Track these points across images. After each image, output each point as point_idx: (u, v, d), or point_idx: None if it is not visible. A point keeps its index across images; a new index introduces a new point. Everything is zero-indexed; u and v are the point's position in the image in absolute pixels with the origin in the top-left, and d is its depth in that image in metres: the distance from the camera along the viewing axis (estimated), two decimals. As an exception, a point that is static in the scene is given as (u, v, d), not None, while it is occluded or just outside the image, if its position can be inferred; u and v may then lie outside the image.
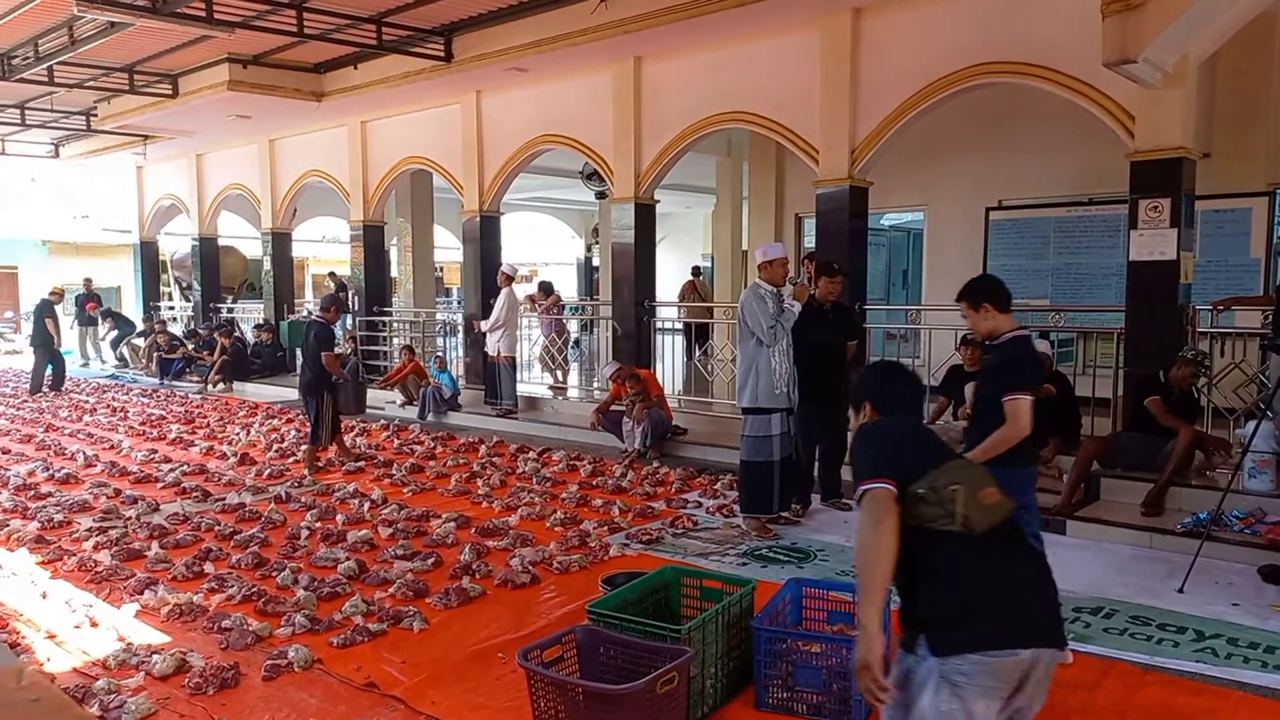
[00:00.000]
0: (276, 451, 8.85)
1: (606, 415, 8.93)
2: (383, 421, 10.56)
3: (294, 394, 12.92)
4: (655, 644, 3.23)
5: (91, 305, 17.81)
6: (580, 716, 2.97)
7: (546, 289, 13.70)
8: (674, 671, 2.98)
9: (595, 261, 24.41)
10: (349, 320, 17.21)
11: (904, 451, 2.27)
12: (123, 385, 14.96)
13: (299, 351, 13.05)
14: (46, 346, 13.88)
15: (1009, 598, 2.14)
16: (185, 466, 8.09)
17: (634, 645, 3.25)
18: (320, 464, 8.13)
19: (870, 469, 2.23)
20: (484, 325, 10.52)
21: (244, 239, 20.22)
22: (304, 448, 8.27)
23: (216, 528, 6.10)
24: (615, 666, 3.24)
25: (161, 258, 19.65)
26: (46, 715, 3.42)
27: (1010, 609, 2.13)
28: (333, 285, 18.07)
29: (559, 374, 12.49)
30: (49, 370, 13.90)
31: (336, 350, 8.56)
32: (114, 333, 17.66)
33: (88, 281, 18.71)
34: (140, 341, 16.81)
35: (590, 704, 2.96)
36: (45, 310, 14.04)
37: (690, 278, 17.31)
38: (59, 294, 14.91)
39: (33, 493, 7.20)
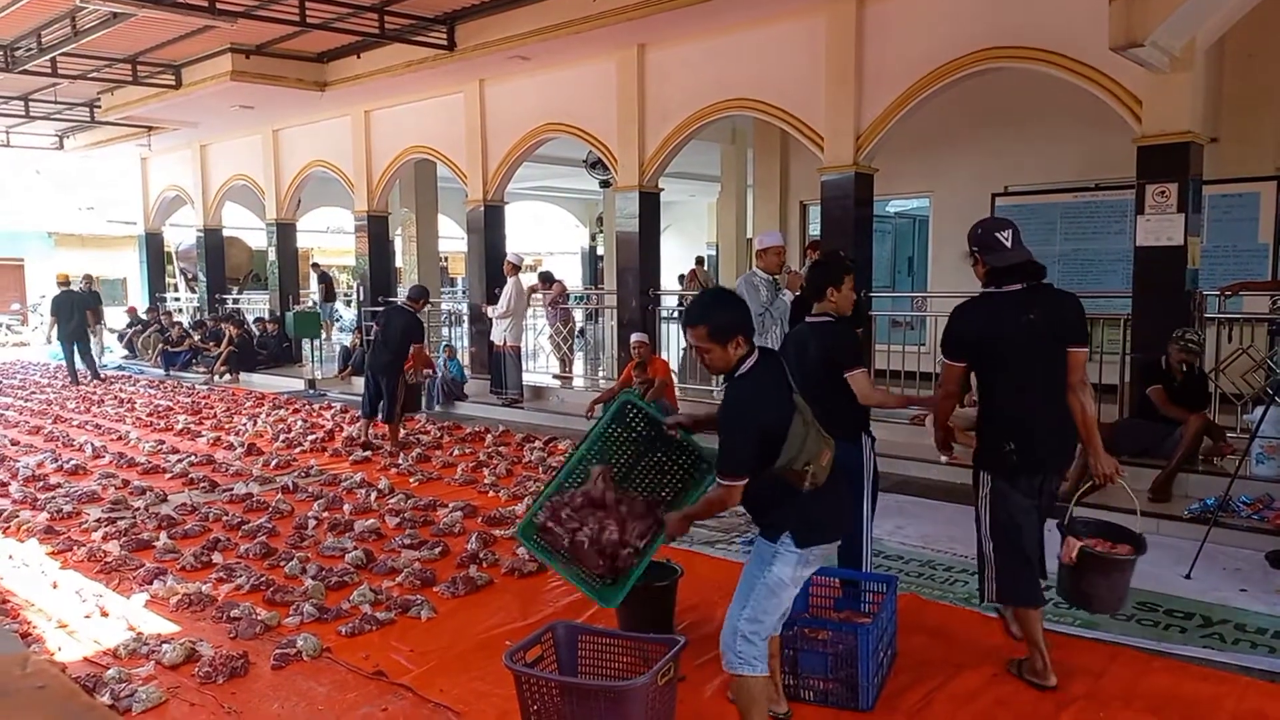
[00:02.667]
0: (283, 442, 8.88)
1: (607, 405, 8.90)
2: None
3: (299, 384, 13.00)
4: (636, 635, 3.25)
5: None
6: (581, 714, 2.92)
7: (547, 279, 13.70)
8: (671, 664, 2.98)
9: (600, 250, 24.39)
10: (335, 310, 17.31)
11: (771, 436, 2.90)
12: (129, 376, 15.02)
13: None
14: (83, 339, 14.13)
15: (835, 513, 3.20)
16: (193, 457, 8.12)
17: (615, 636, 3.26)
18: (401, 437, 8.64)
19: (735, 468, 2.91)
20: (492, 312, 10.52)
21: (249, 230, 20.23)
22: (361, 428, 8.76)
23: (224, 518, 6.13)
24: (596, 657, 3.25)
25: (166, 249, 19.67)
26: (53, 703, 3.43)
27: (835, 519, 3.20)
28: (315, 275, 18.15)
29: (565, 363, 12.47)
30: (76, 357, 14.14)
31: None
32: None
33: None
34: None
35: (591, 702, 2.92)
36: (86, 303, 14.26)
37: (693, 267, 17.34)
38: (90, 279, 15.20)
39: (42, 484, 7.23)
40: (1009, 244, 3.49)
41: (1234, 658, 3.85)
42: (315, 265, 19.23)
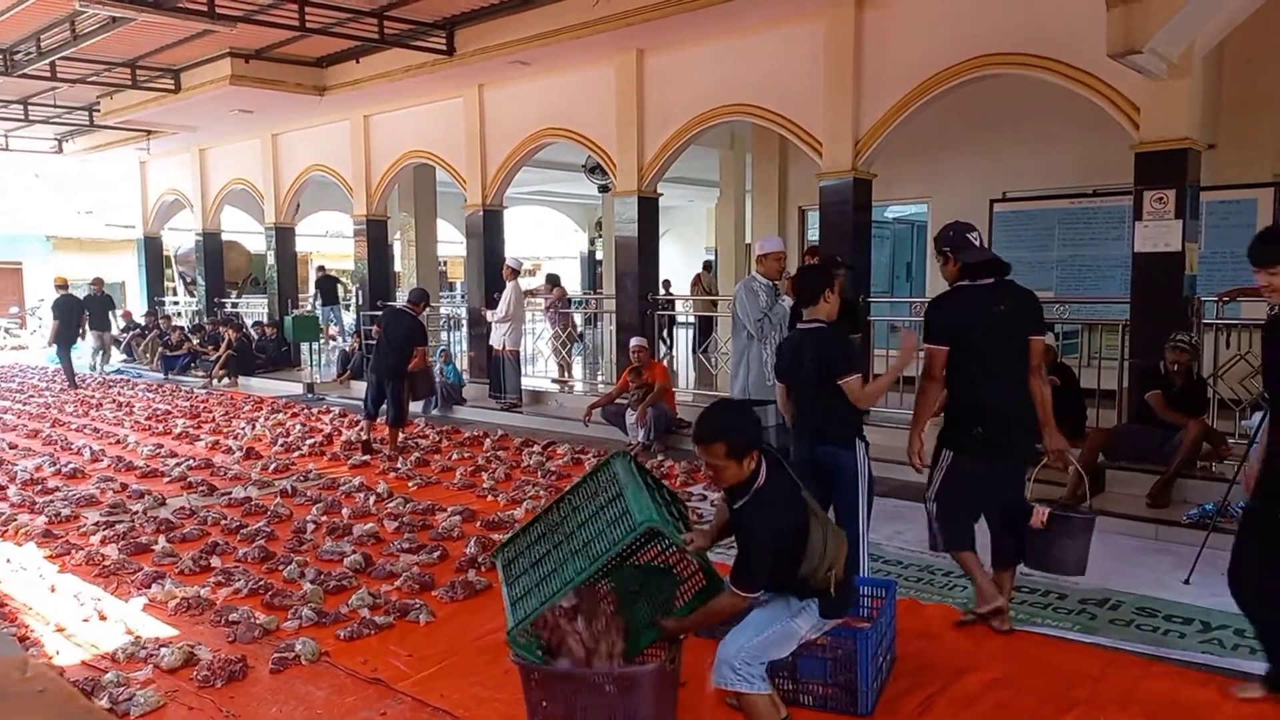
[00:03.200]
0: (282, 446, 8.88)
1: (607, 408, 8.90)
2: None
3: (298, 388, 13.00)
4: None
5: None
6: (590, 704, 2.97)
7: (553, 281, 13.72)
8: (675, 653, 3.07)
9: (599, 255, 24.42)
10: (337, 313, 17.30)
11: (791, 542, 2.95)
12: (128, 380, 15.00)
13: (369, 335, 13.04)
14: (71, 343, 14.23)
15: (851, 590, 3.36)
16: (191, 461, 8.11)
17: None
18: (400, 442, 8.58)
19: (752, 584, 2.96)
20: (491, 316, 10.53)
21: (247, 234, 20.23)
22: (368, 431, 8.66)
23: (223, 522, 6.12)
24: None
25: (165, 253, 19.68)
26: (52, 707, 3.42)
27: (851, 596, 3.38)
28: (318, 277, 18.15)
29: (564, 368, 12.46)
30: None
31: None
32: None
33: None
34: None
35: (600, 693, 2.96)
36: (86, 307, 14.53)
37: (699, 271, 17.40)
38: (100, 283, 15.44)
39: (40, 487, 7.22)
40: (978, 243, 3.97)
41: (1233, 663, 3.85)
42: (321, 268, 19.19)
